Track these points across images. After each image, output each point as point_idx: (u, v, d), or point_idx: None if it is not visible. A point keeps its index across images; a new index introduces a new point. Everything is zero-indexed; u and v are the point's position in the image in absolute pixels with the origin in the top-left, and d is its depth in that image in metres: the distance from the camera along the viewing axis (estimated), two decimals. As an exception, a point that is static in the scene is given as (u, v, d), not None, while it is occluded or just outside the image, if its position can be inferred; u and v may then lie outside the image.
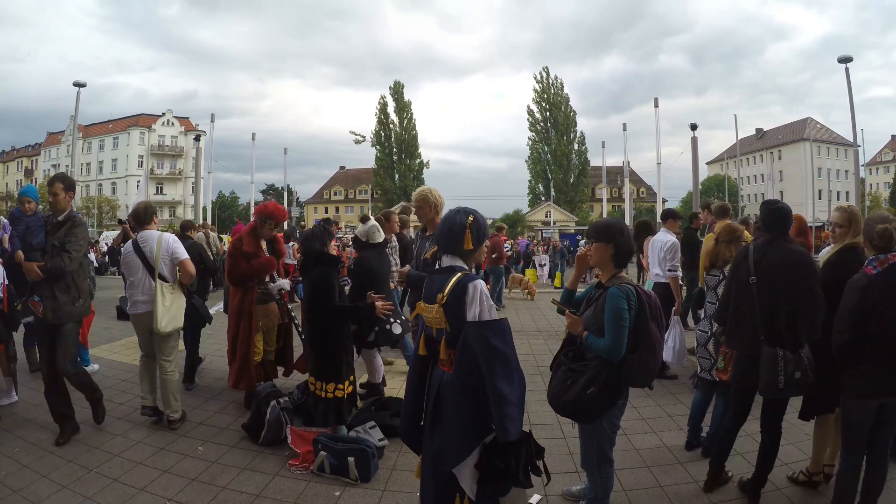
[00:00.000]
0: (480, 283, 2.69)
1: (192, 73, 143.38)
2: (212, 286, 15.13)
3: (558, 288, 17.80)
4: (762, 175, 67.46)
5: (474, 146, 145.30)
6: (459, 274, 2.73)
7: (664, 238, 6.84)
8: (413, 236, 7.04)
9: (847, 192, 63.61)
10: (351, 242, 5.64)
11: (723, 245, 4.54)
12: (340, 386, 4.49)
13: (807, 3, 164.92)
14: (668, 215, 7.30)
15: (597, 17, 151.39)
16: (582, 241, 18.47)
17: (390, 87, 70.50)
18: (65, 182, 4.90)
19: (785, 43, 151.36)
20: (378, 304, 4.63)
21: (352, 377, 4.70)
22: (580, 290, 3.68)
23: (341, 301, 4.68)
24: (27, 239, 5.31)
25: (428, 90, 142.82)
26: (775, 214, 3.77)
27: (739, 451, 4.19)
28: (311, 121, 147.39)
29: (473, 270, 2.94)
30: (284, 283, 5.67)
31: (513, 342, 2.67)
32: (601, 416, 3.09)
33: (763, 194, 57.75)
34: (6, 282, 5.88)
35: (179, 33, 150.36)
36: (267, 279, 5.61)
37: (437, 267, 2.93)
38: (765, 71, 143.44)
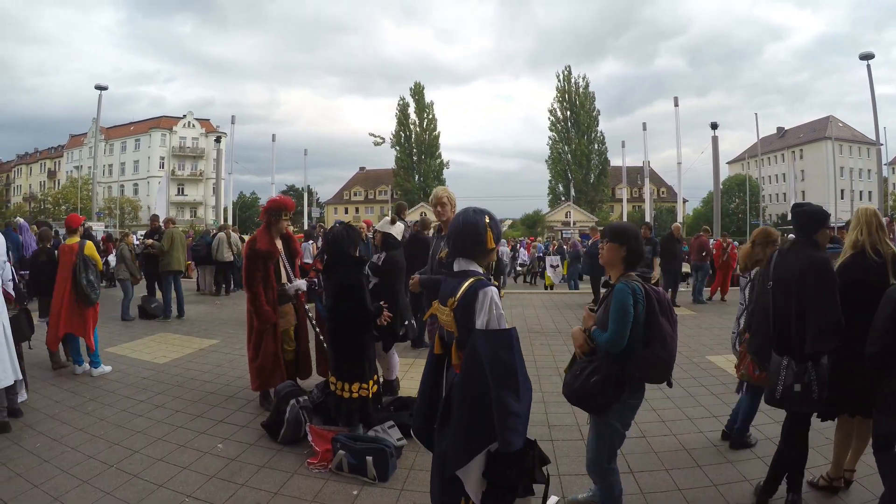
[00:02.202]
0: (492, 291, 2.66)
1: (208, 84, 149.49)
2: (232, 285, 15.35)
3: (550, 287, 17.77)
4: (783, 174, 66.80)
5: (483, 148, 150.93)
6: (472, 279, 2.71)
7: None
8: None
9: (870, 192, 62.78)
10: (375, 239, 5.64)
11: (758, 247, 4.49)
12: (365, 385, 4.51)
13: (800, 3, 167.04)
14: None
15: (587, 24, 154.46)
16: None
17: (410, 89, 70.84)
18: None
19: (782, 43, 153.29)
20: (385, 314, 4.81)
21: (375, 376, 4.72)
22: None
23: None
24: None
25: (431, 96, 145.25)
26: (798, 217, 3.70)
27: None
28: (324, 125, 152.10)
29: (484, 272, 2.92)
30: (301, 283, 5.66)
31: (520, 351, 2.63)
32: (607, 407, 3.07)
33: (784, 194, 57.23)
34: (18, 280, 5.96)
35: (194, 48, 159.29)
36: (284, 280, 5.63)
37: (453, 269, 2.91)
38: (764, 71, 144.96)
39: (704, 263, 14.22)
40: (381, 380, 5.70)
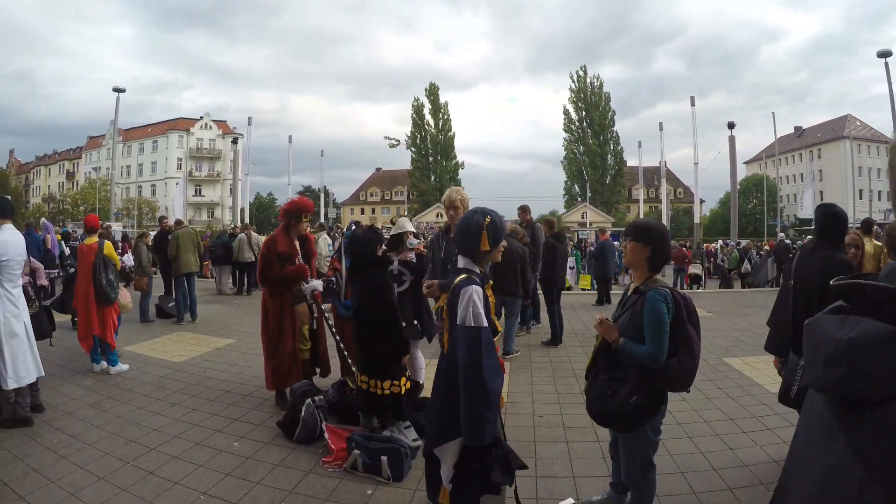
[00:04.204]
0: (473, 289, 2.69)
1: (221, 92, 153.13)
2: (245, 286, 15.38)
3: (585, 290, 17.66)
4: (801, 174, 66.13)
5: (490, 150, 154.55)
6: (462, 276, 2.76)
7: None
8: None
9: (889, 192, 61.84)
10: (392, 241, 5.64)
11: None
12: (396, 382, 4.54)
13: (793, 4, 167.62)
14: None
15: (580, 30, 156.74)
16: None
17: (426, 90, 70.56)
18: None
19: (779, 45, 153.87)
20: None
21: (407, 373, 4.76)
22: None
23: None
24: None
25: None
26: (831, 219, 3.66)
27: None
28: (335, 129, 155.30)
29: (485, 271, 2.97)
30: (317, 283, 5.65)
31: (492, 349, 2.68)
32: (645, 423, 3.04)
33: (801, 194, 56.65)
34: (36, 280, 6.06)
35: (206, 60, 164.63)
36: None
37: (455, 265, 2.97)
38: (763, 72, 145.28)
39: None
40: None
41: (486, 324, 2.66)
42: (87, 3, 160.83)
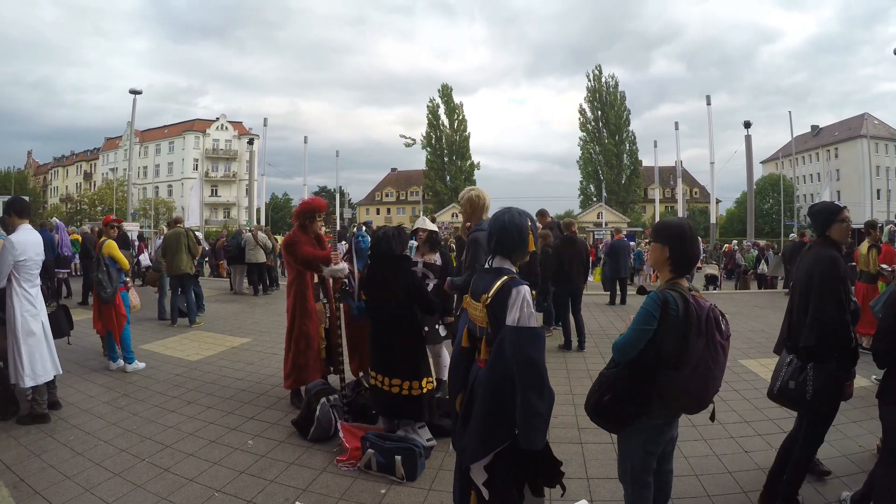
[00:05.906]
0: (524, 289, 2.64)
1: (234, 98, 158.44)
2: (270, 284, 15.40)
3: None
4: (818, 174, 65.51)
5: (498, 151, 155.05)
6: (505, 277, 2.70)
7: None
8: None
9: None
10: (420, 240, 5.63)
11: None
12: (429, 379, 4.57)
13: (786, 5, 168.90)
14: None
15: (576, 36, 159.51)
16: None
17: (439, 90, 70.14)
18: None
19: (776, 46, 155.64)
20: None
21: (431, 376, 4.75)
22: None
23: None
24: None
25: (441, 105, 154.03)
26: (811, 217, 3.74)
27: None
28: (345, 132, 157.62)
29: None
30: (341, 267, 5.38)
31: (544, 352, 2.63)
32: (623, 426, 2.85)
33: (819, 194, 56.11)
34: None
35: (218, 68, 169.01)
36: (315, 279, 5.64)
37: (486, 266, 2.89)
38: (763, 73, 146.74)
39: None
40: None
41: (537, 324, 2.61)
42: (106, 20, 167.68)
